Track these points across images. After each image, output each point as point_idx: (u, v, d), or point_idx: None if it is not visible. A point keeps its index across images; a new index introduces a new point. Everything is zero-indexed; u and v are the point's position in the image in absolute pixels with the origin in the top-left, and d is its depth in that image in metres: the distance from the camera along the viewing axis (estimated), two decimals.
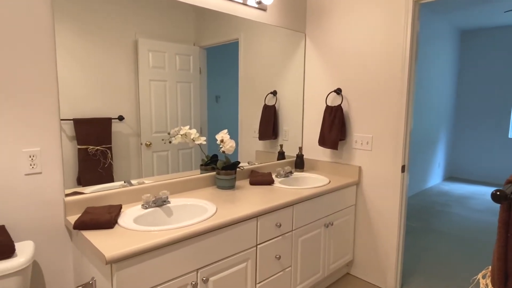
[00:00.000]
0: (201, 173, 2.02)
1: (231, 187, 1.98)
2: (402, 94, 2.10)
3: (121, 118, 1.67)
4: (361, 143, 2.32)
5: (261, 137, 2.40)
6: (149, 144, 1.79)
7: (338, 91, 2.40)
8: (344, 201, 2.26)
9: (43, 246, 1.47)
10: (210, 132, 2.07)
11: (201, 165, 2.04)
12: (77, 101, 1.52)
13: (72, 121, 1.51)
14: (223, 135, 1.92)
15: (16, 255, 1.23)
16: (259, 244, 1.69)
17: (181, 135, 1.91)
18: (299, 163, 2.52)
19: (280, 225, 1.77)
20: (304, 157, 2.67)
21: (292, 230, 1.87)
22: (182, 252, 1.35)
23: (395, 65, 2.12)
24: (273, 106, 2.45)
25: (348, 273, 2.49)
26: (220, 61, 2.08)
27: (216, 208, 1.61)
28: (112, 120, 1.64)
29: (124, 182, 1.71)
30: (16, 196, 1.38)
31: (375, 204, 2.29)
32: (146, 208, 1.59)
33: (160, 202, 1.63)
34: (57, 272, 1.52)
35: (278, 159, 2.51)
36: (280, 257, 1.79)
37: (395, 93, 2.13)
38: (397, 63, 2.11)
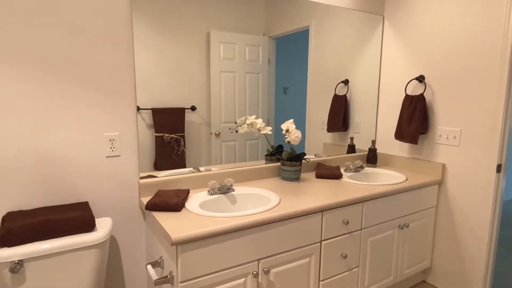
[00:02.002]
0: (265, 163, 1.99)
1: (296, 179, 1.91)
2: (501, 84, 1.78)
3: (193, 108, 1.72)
4: (447, 138, 2.04)
5: (329, 129, 2.27)
6: (218, 134, 1.82)
7: (420, 79, 2.14)
8: (423, 201, 2.03)
9: (120, 223, 1.60)
10: (278, 123, 2.02)
11: (266, 155, 2.01)
12: (155, 92, 1.60)
13: (150, 110, 1.60)
14: (288, 125, 1.86)
15: (96, 230, 1.35)
16: (324, 240, 1.60)
17: (248, 124, 1.91)
18: (372, 158, 2.33)
19: (348, 222, 1.65)
20: (378, 151, 2.47)
21: (361, 229, 1.74)
22: (244, 240, 1.34)
23: (493, 50, 1.80)
24: (344, 96, 2.30)
25: (424, 281, 2.25)
26: (289, 51, 2.02)
27: (280, 199, 1.56)
28: (186, 110, 1.70)
29: (193, 168, 1.77)
30: (98, 176, 1.51)
31: (462, 207, 2.00)
32: (212, 194, 1.61)
33: (225, 190, 1.64)
34: (131, 249, 1.64)
35: (347, 153, 2.36)
36: (346, 256, 1.67)
37: (492, 82, 1.82)
38: (496, 48, 1.78)
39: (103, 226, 1.38)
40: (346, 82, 2.30)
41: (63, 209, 1.36)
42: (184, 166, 1.73)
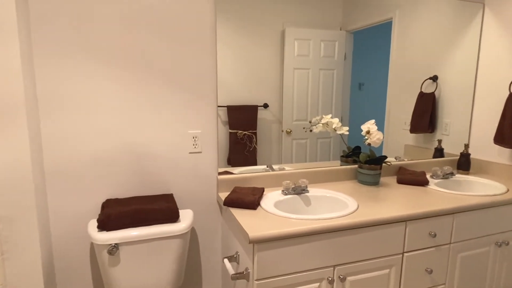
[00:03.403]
0: (341, 165, 1.91)
1: (375, 183, 1.80)
2: None
3: (266, 105, 1.73)
4: None
5: (413, 130, 2.09)
6: (290, 132, 1.81)
7: None
8: None
9: (199, 216, 1.69)
10: (351, 121, 1.92)
11: (342, 156, 1.93)
12: (230, 90, 1.65)
13: (226, 107, 1.66)
14: (369, 126, 1.75)
15: (180, 221, 1.44)
16: (406, 252, 1.47)
17: (323, 124, 1.85)
18: (464, 164, 2.08)
19: (435, 235, 1.50)
20: (471, 156, 2.19)
21: (450, 243, 1.56)
22: (320, 245, 1.30)
23: None
24: (432, 94, 2.09)
25: None
26: (368, 45, 1.90)
27: (358, 205, 1.49)
28: (258, 108, 1.71)
29: (267, 166, 1.78)
30: (182, 170, 1.62)
31: None
32: (286, 194, 1.60)
33: (299, 190, 1.62)
34: (208, 241, 1.72)
35: (434, 157, 2.15)
36: (431, 271, 1.52)
37: None
38: None
39: (186, 218, 1.47)
40: (434, 78, 2.08)
41: (152, 200, 1.48)
42: (255, 163, 1.76)
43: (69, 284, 1.52)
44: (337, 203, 1.59)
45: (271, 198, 1.56)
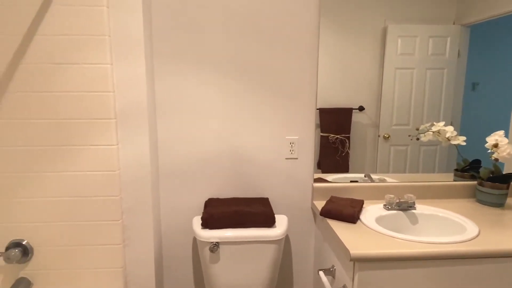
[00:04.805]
0: (454, 180, 1.68)
1: (499, 205, 1.53)
2: None
3: (361, 108, 1.63)
4: None
5: None
6: (388, 137, 1.66)
7: None
8: None
9: (293, 222, 1.67)
10: (463, 127, 1.67)
11: (456, 170, 1.70)
12: (323, 91, 1.60)
13: (318, 110, 1.61)
14: (498, 138, 1.49)
15: (275, 226, 1.45)
16: None
17: (433, 132, 1.65)
18: None
19: None
20: None
21: None
22: (431, 272, 1.16)
23: None
24: None
25: None
26: (488, 40, 1.62)
27: (479, 230, 1.28)
28: (353, 110, 1.63)
29: (364, 176, 1.67)
30: (278, 176, 1.63)
31: None
32: (388, 209, 1.48)
33: (405, 206, 1.47)
34: (301, 250, 1.70)
35: None
36: None
37: None
38: None
39: (281, 224, 1.47)
40: None
41: (249, 202, 1.53)
42: (347, 168, 1.66)
43: (174, 271, 1.67)
44: (450, 225, 1.40)
45: (372, 212, 1.46)
